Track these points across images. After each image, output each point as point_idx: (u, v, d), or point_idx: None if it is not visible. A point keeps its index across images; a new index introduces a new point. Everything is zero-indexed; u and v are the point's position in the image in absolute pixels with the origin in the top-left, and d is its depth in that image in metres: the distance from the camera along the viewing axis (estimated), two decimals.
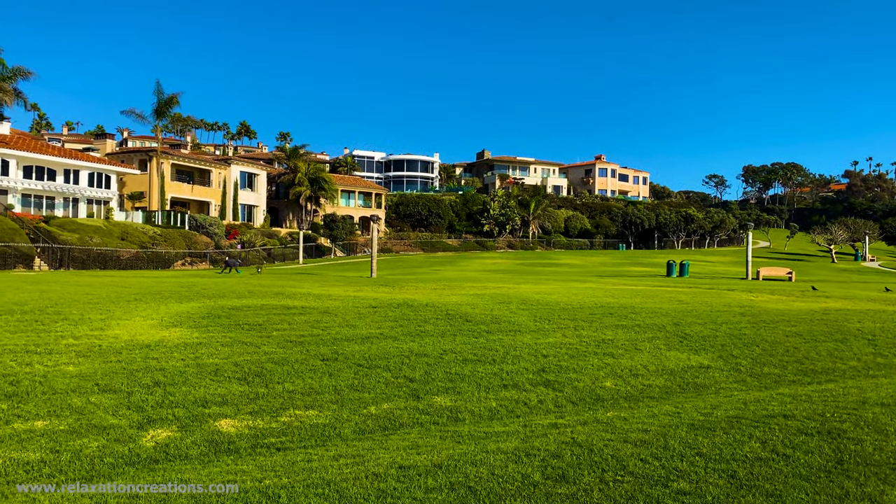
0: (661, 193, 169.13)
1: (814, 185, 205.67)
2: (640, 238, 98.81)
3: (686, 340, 13.67)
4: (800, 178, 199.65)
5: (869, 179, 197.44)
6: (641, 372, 11.16)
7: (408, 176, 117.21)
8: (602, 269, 52.79)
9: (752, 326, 15.59)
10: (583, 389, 9.95)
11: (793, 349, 13.44)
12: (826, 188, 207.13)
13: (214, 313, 13.53)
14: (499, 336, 12.98)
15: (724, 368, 11.72)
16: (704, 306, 19.10)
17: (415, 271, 46.25)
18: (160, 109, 60.71)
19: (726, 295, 23.37)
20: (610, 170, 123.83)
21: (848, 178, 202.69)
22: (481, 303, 17.91)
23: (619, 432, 7.01)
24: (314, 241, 69.96)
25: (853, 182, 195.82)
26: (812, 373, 11.79)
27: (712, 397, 9.54)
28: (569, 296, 20.93)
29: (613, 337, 13.62)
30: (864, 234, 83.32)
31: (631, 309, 17.72)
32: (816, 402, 8.55)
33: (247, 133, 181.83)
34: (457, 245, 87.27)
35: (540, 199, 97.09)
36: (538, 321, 15.00)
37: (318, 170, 77.67)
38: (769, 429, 7.09)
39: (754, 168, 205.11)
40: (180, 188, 67.20)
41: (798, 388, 10.31)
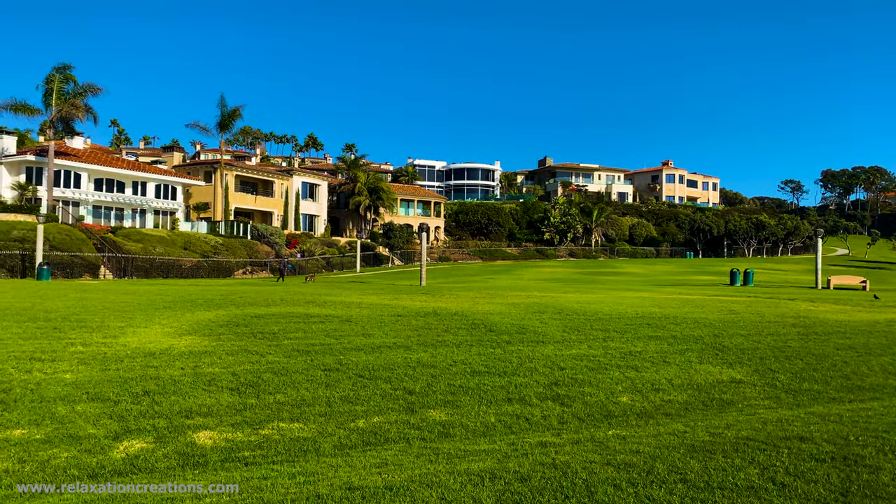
0: (732, 200, 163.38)
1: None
2: (708, 246, 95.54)
3: (723, 353, 12.81)
4: (884, 183, 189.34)
5: None
6: (664, 387, 10.44)
7: (468, 184, 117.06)
8: (664, 279, 51.10)
9: (800, 338, 14.54)
10: (594, 405, 9.34)
11: (841, 363, 12.40)
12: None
13: (235, 321, 13.50)
14: (518, 347, 12.45)
15: (758, 384, 10.87)
16: (755, 316, 18.03)
17: (467, 280, 45.85)
18: (223, 122, 62.45)
19: (784, 305, 22.05)
20: (678, 175, 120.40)
21: None
22: (514, 312, 17.38)
23: (607, 453, 6.44)
24: (372, 250, 70.50)
25: None
26: (858, 389, 10.80)
27: (733, 415, 8.77)
28: (612, 305, 20.14)
29: (643, 349, 12.89)
30: None
31: (672, 319, 16.85)
32: (846, 423, 7.73)
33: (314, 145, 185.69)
34: (516, 253, 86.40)
35: (603, 207, 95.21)
36: (567, 331, 14.38)
37: (377, 179, 78.35)
38: (777, 453, 6.38)
39: (834, 172, 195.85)
40: (244, 199, 68.92)
41: (835, 406, 9.41)
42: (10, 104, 45.02)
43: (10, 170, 51.42)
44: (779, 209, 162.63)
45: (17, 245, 39.19)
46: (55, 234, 41.79)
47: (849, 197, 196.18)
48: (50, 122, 47.79)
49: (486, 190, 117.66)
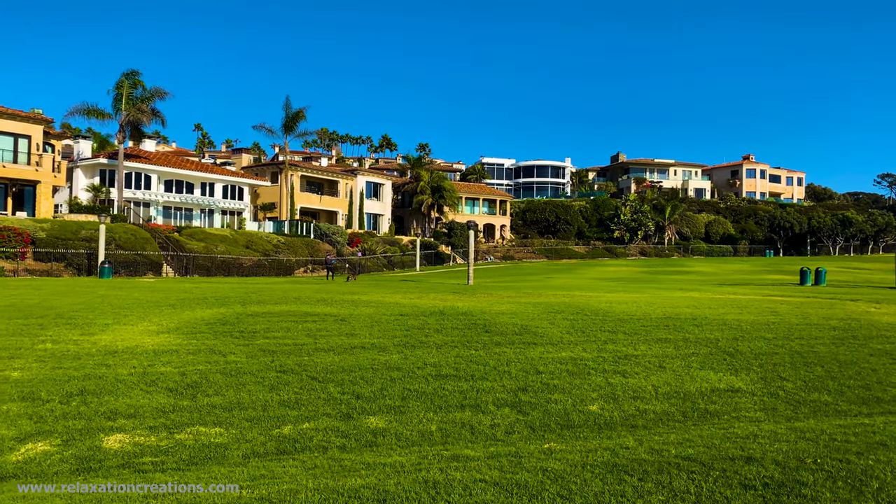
0: (821, 195, 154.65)
1: None
2: (790, 244, 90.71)
3: (732, 358, 11.69)
4: None
5: None
6: (646, 395, 9.53)
7: (538, 182, 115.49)
8: (732, 277, 48.58)
9: (832, 343, 13.17)
10: (555, 413, 8.57)
11: (868, 372, 11.08)
12: None
13: (225, 320, 13.37)
14: (506, 349, 11.75)
15: (758, 393, 9.78)
16: (796, 318, 16.59)
17: (521, 279, 44.93)
18: (288, 124, 63.71)
19: (840, 306, 20.30)
20: (759, 170, 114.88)
21: None
22: (529, 311, 16.60)
23: (511, 471, 5.75)
24: (434, 249, 70.38)
25: None
26: (875, 402, 9.54)
27: (704, 429, 7.83)
28: (644, 305, 19.02)
29: (644, 352, 11.93)
30: None
31: (699, 321, 15.68)
32: (821, 442, 6.71)
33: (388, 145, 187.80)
34: (584, 252, 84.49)
35: (676, 204, 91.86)
36: (570, 332, 13.53)
37: (440, 178, 78.21)
38: (705, 476, 5.53)
39: None
40: (309, 198, 70.16)
41: (834, 420, 8.30)
42: (81, 108, 47.29)
43: (85, 172, 54.07)
44: (875, 205, 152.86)
45: (84, 244, 41.01)
46: (121, 233, 43.54)
47: None
48: (120, 125, 49.90)
49: (555, 187, 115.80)
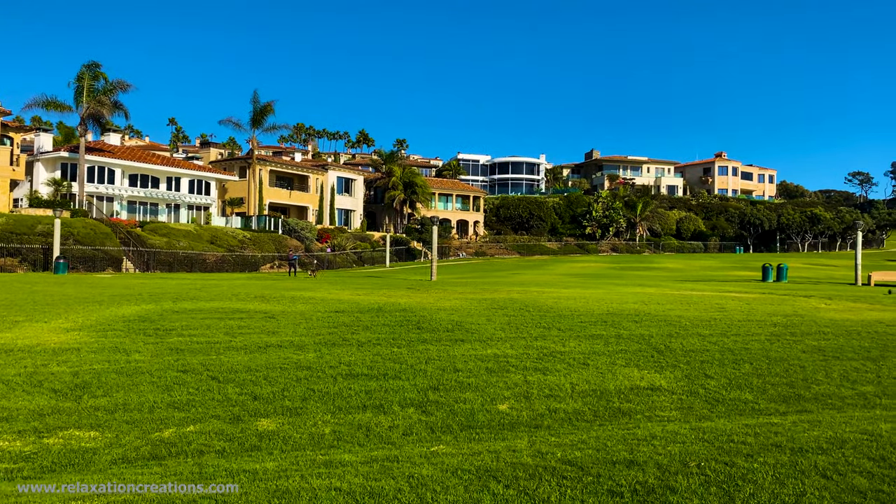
0: (793, 193, 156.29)
1: None
2: (760, 240, 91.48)
3: (661, 355, 11.47)
4: None
5: None
6: (562, 393, 9.25)
7: (513, 178, 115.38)
8: (699, 274, 48.76)
9: (767, 340, 13.02)
10: (461, 413, 8.25)
11: (797, 369, 10.91)
12: None
13: (148, 316, 12.91)
14: (429, 347, 11.42)
15: (678, 391, 9.54)
16: (741, 315, 16.48)
17: (488, 275, 44.70)
18: (256, 118, 62.81)
19: (791, 302, 20.24)
20: (731, 168, 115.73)
21: None
22: (471, 308, 16.33)
23: (377, 477, 5.42)
24: (406, 245, 69.95)
25: None
26: (796, 399, 9.35)
27: (608, 429, 7.55)
28: (593, 302, 18.83)
29: (573, 349, 11.67)
30: None
31: (641, 316, 15.51)
32: (717, 443, 6.46)
33: (365, 141, 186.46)
34: (556, 248, 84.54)
35: (648, 200, 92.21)
36: (504, 329, 13.25)
37: (413, 174, 77.68)
38: (578, 482, 5.24)
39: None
40: (278, 194, 69.31)
41: (745, 419, 8.07)
42: (40, 101, 46.15)
43: (46, 166, 52.87)
44: (845, 202, 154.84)
45: (40, 239, 40.07)
46: (80, 228, 42.60)
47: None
48: (81, 118, 48.81)
49: (530, 184, 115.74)
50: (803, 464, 5.71)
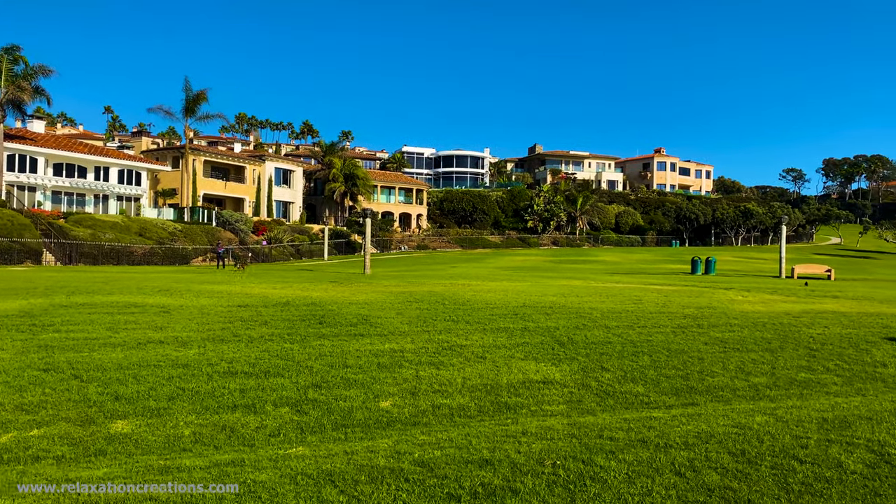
0: (730, 188, 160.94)
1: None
2: (696, 234, 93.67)
3: (563, 348, 11.31)
4: (886, 172, 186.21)
5: None
6: (451, 388, 8.96)
7: (457, 172, 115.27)
8: (632, 267, 49.51)
9: (672, 332, 13.02)
10: (338, 412, 7.87)
11: (695, 361, 10.89)
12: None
13: (30, 311, 12.12)
14: (325, 342, 11.00)
15: (571, 384, 9.37)
16: (654, 307, 16.52)
17: (425, 268, 44.40)
18: (189, 106, 60.96)
19: (709, 294, 20.51)
20: (669, 163, 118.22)
21: None
22: (386, 301, 15.95)
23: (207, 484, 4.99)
24: (346, 238, 69.05)
25: None
26: (687, 392, 9.28)
27: (486, 425, 7.29)
28: (514, 294, 18.70)
29: (473, 342, 11.41)
30: None
31: (554, 309, 15.39)
32: (586, 439, 6.24)
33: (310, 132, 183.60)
34: (498, 241, 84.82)
35: (588, 195, 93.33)
36: (411, 323, 12.92)
37: (354, 166, 76.73)
38: (419, 485, 4.94)
39: (835, 161, 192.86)
40: (213, 185, 67.50)
41: (629, 413, 7.92)
42: None
43: None
44: (780, 198, 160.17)
45: None
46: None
47: (850, 186, 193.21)
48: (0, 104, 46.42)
49: (475, 177, 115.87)
50: (661, 461, 5.53)
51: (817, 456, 5.66)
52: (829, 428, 6.64)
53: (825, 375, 10.43)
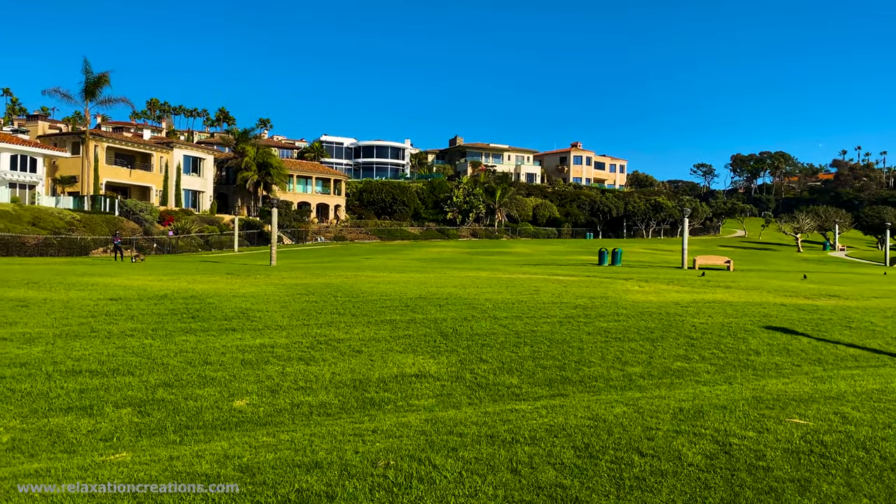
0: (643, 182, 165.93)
1: (802, 174, 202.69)
2: (609, 227, 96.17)
3: (446, 340, 11.07)
4: (788, 168, 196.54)
5: (857, 169, 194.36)
6: (318, 384, 8.54)
7: (378, 163, 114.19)
8: (544, 258, 50.22)
9: (559, 322, 12.99)
10: (185, 412, 7.33)
11: (575, 351, 10.84)
12: (814, 178, 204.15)
13: None
14: (191, 337, 10.38)
15: (445, 377, 9.11)
16: (549, 297, 16.55)
17: (337, 260, 43.61)
18: (89, 89, 57.74)
19: (607, 285, 20.77)
20: (585, 157, 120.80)
21: (836, 168, 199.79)
22: (273, 294, 15.36)
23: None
24: (258, 229, 67.16)
25: (841, 171, 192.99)
26: (561, 383, 9.18)
27: (340, 424, 6.91)
28: (414, 285, 18.40)
29: (353, 335, 11.02)
30: (834, 222, 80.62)
31: (449, 300, 15.16)
32: (436, 437, 5.95)
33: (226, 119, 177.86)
34: (418, 233, 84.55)
35: (506, 187, 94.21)
36: (293, 317, 12.41)
37: (268, 154, 74.74)
38: (217, 494, 4.50)
39: (742, 157, 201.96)
40: (118, 172, 64.32)
41: (495, 406, 7.71)
42: None
43: None
44: (691, 192, 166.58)
45: None
46: None
47: (756, 181, 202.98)
48: None
49: (395, 168, 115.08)
50: (501, 457, 5.30)
51: (660, 448, 5.56)
52: (682, 418, 6.60)
53: (700, 364, 10.57)
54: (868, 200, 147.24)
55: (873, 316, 15.38)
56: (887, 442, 5.85)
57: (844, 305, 16.94)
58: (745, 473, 5.03)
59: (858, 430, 6.18)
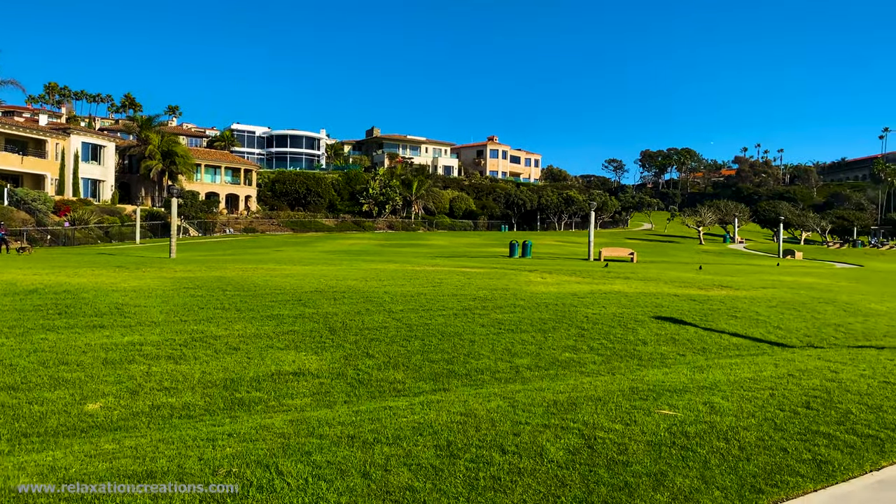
0: (557, 176, 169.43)
1: (706, 170, 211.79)
2: (523, 219, 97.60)
3: (333, 335, 10.68)
4: (693, 164, 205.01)
5: (756, 165, 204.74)
6: (185, 385, 8.00)
7: (292, 152, 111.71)
8: (458, 250, 50.31)
9: (455, 314, 12.82)
10: (27, 418, 6.65)
11: (466, 344, 10.67)
12: (717, 173, 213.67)
13: None
14: (50, 335, 9.60)
15: (325, 375, 8.73)
16: (451, 289, 16.38)
17: (242, 252, 42.25)
18: None
19: (511, 276, 20.80)
20: (501, 151, 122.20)
21: (738, 164, 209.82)
22: (158, 288, 14.52)
23: None
24: (163, 219, 64.32)
25: (742, 168, 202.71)
26: (447, 377, 8.97)
27: (198, 426, 6.44)
28: (314, 279, 17.85)
29: (235, 331, 10.47)
30: (734, 216, 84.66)
31: (346, 294, 14.74)
32: (293, 439, 5.59)
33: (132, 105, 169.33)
34: (332, 225, 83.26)
35: (423, 179, 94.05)
36: (174, 312, 11.73)
37: (173, 142, 71.67)
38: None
39: (651, 153, 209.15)
40: (7, 159, 60.09)
41: (372, 404, 7.40)
42: None
43: None
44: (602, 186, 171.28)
45: None
46: None
47: (663, 176, 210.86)
48: None
49: (311, 159, 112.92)
50: (356, 459, 5.00)
51: (524, 444, 5.40)
52: (554, 411, 6.48)
53: (587, 355, 10.61)
54: (766, 195, 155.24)
55: (759, 306, 15.99)
56: (748, 431, 5.91)
57: (734, 295, 17.57)
58: (603, 469, 4.92)
59: (723, 420, 6.23)
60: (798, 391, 7.48)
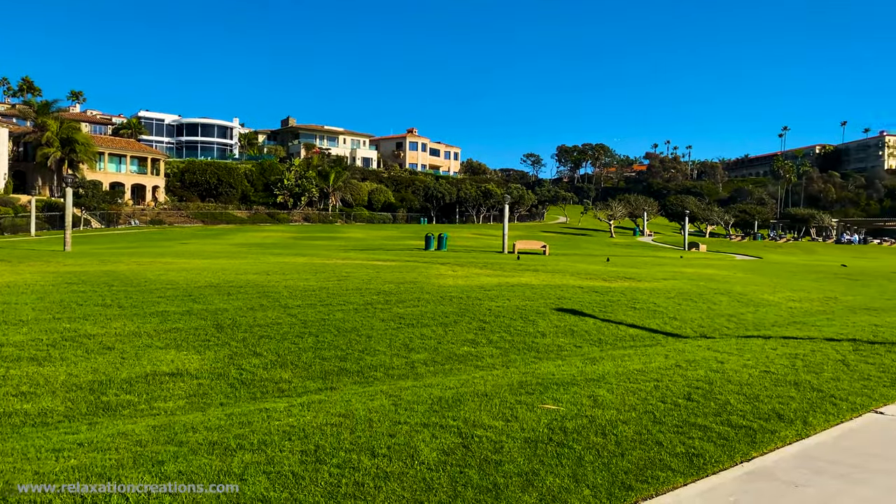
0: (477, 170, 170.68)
1: (619, 165, 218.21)
2: (442, 212, 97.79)
3: (219, 333, 10.15)
4: (607, 159, 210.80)
5: (666, 161, 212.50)
6: (46, 388, 7.36)
7: (203, 142, 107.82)
8: (374, 243, 49.78)
9: (355, 310, 12.46)
10: None
11: (362, 339, 10.36)
12: (630, 168, 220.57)
13: None
14: None
15: (205, 375, 8.24)
16: (358, 283, 16.00)
17: (146, 245, 40.41)
18: None
19: (421, 270, 20.57)
20: (421, 144, 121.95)
21: (648, 160, 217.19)
22: (34, 282, 13.57)
23: None
24: (62, 210, 60.77)
25: (652, 163, 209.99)
26: (338, 374, 8.65)
27: (50, 434, 5.89)
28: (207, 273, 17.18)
29: (111, 330, 9.78)
30: (643, 210, 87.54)
31: (242, 289, 14.14)
32: (151, 447, 5.14)
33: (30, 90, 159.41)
34: (245, 217, 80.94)
35: (341, 171, 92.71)
36: (46, 310, 10.90)
37: (73, 129, 67.72)
38: None
39: (567, 148, 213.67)
40: None
41: (248, 405, 6.99)
42: None
43: None
44: (521, 180, 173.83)
45: None
46: None
47: (579, 171, 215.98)
48: None
49: (223, 148, 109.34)
50: (211, 469, 4.62)
51: (398, 446, 5.16)
52: (437, 409, 6.28)
53: (486, 348, 10.51)
54: (675, 190, 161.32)
55: (658, 297, 16.37)
56: (627, 425, 5.87)
57: (635, 287, 17.94)
58: (474, 470, 4.73)
59: (604, 414, 6.18)
60: (682, 382, 7.56)
